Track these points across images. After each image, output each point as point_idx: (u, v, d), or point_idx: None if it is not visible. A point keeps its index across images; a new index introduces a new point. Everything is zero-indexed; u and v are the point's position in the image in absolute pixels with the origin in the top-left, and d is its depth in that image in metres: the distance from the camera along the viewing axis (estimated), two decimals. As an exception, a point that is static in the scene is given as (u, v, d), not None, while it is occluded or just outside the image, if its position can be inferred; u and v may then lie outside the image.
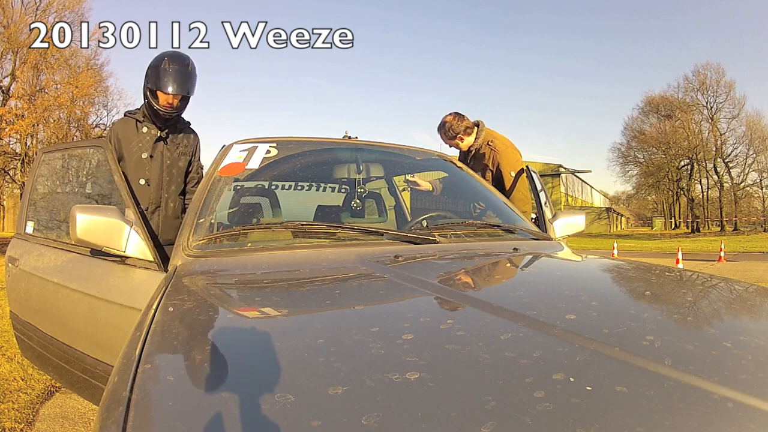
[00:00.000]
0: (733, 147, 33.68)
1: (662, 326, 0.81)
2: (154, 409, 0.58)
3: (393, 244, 1.39)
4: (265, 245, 1.37)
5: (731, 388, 0.57)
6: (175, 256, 1.31)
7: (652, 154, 35.73)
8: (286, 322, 0.88)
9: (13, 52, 21.86)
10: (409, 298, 1.00)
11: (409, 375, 0.60)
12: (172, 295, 1.01)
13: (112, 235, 1.36)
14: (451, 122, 2.91)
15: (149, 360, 0.68)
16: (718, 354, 0.68)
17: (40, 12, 22.51)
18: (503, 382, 0.59)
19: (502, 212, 1.92)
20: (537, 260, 1.44)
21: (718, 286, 1.19)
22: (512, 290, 1.09)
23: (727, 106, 33.26)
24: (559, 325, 0.75)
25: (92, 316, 1.63)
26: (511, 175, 2.78)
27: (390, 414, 0.53)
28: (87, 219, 1.31)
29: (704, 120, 33.85)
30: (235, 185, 1.79)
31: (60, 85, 23.31)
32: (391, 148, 2.18)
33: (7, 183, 24.45)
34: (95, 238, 1.34)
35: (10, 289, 2.13)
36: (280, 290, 1.11)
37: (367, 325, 0.81)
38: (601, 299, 0.98)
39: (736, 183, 33.85)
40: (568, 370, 0.61)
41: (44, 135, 24.36)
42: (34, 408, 2.53)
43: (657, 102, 35.62)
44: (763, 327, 0.89)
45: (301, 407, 0.54)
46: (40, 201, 2.24)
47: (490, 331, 0.76)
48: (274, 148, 1.77)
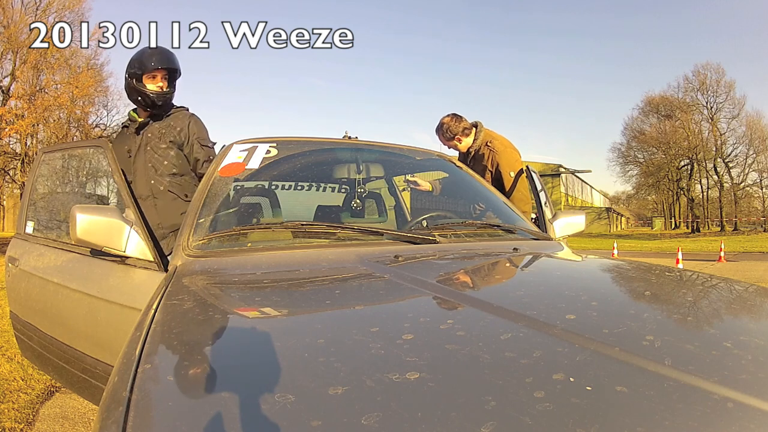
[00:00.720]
0: (733, 147, 33.71)
1: (662, 326, 0.81)
2: (154, 409, 0.58)
3: (393, 244, 1.39)
4: (265, 245, 1.37)
5: (731, 388, 0.57)
6: (175, 256, 1.31)
7: (652, 154, 35.74)
8: (286, 322, 0.88)
9: (13, 52, 21.86)
10: (409, 298, 1.00)
11: (409, 375, 0.60)
12: (172, 295, 1.01)
13: (112, 235, 1.36)
14: (449, 123, 2.91)
15: (149, 360, 0.68)
16: (718, 354, 0.68)
17: (40, 12, 22.52)
18: (503, 382, 0.59)
19: (502, 212, 1.92)
20: (537, 260, 1.44)
21: (718, 286, 1.19)
22: (512, 290, 1.09)
23: (727, 106, 33.29)
24: (559, 325, 0.75)
25: (92, 316, 1.63)
26: (510, 176, 2.77)
27: (390, 414, 0.53)
28: (87, 219, 1.31)
29: (704, 120, 33.88)
30: (235, 185, 1.79)
31: (60, 85, 23.32)
32: (391, 148, 2.18)
33: (7, 183, 24.45)
34: (95, 238, 1.34)
35: (10, 289, 2.13)
36: (280, 290, 1.11)
37: (367, 325, 0.81)
38: (601, 299, 0.98)
39: (736, 183, 33.86)
40: (568, 370, 0.61)
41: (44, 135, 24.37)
42: (34, 408, 2.53)
43: (657, 102, 35.62)
44: (763, 327, 0.89)
45: (301, 407, 0.54)
46: (40, 201, 2.25)
47: (490, 331, 0.76)
48: (274, 148, 1.77)
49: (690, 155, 33.79)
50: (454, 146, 2.98)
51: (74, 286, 1.69)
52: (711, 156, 33.35)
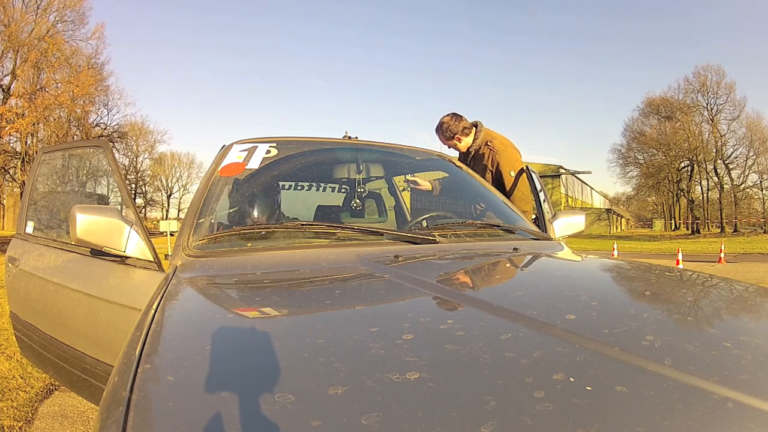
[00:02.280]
0: (734, 148, 33.73)
1: (662, 326, 0.81)
2: (154, 409, 0.57)
3: (393, 244, 1.39)
4: (265, 245, 1.37)
5: (731, 388, 0.57)
6: (175, 256, 1.31)
7: (653, 156, 35.75)
8: (286, 322, 0.88)
9: (14, 51, 21.87)
10: (409, 298, 1.00)
11: (409, 375, 0.60)
12: (172, 295, 1.01)
13: (112, 235, 1.36)
14: (449, 123, 2.90)
15: (149, 360, 0.68)
16: (718, 354, 0.68)
17: (40, 11, 22.53)
18: (503, 382, 0.59)
19: (502, 212, 1.92)
20: (537, 260, 1.44)
21: (718, 286, 1.19)
22: (512, 290, 1.09)
23: (727, 108, 33.31)
24: (559, 325, 0.75)
25: (92, 316, 1.63)
26: (510, 175, 2.77)
27: (390, 414, 0.52)
28: (87, 219, 1.31)
29: (704, 121, 33.88)
30: (235, 185, 1.79)
31: (60, 84, 23.33)
32: (391, 148, 2.18)
33: (8, 182, 24.46)
34: (95, 238, 1.34)
35: (10, 289, 2.13)
36: (280, 290, 1.10)
37: (367, 325, 0.80)
38: (601, 299, 0.98)
39: (736, 184, 33.87)
40: (568, 370, 0.61)
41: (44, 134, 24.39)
42: (33, 406, 2.53)
43: (657, 103, 35.63)
44: (763, 327, 0.89)
45: (301, 407, 0.54)
46: (41, 201, 2.24)
47: (490, 331, 0.76)
48: (274, 148, 1.77)
49: (690, 156, 33.80)
50: (453, 146, 2.98)
51: (74, 286, 1.69)
52: (711, 157, 33.35)
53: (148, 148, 45.29)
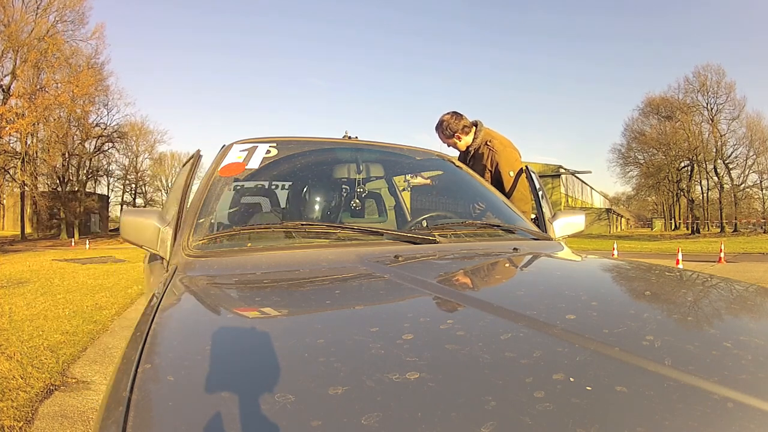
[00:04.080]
0: (734, 148, 33.76)
1: (662, 326, 0.81)
2: (154, 409, 0.57)
3: (393, 244, 1.39)
4: (265, 245, 1.36)
5: (731, 388, 0.57)
6: (175, 256, 1.31)
7: (653, 155, 35.76)
8: (285, 322, 0.88)
9: (14, 51, 21.86)
10: (409, 298, 1.00)
11: (409, 375, 0.60)
12: (171, 295, 1.01)
13: (148, 235, 1.46)
14: (449, 121, 2.90)
15: (149, 360, 0.68)
16: (718, 354, 0.68)
17: (40, 11, 22.53)
18: (503, 382, 0.59)
19: (502, 212, 1.92)
20: (537, 260, 1.44)
21: (718, 286, 1.19)
22: (512, 290, 1.09)
23: (727, 108, 33.34)
24: (559, 325, 0.75)
25: None
26: (510, 175, 2.77)
27: (390, 414, 0.52)
28: (129, 220, 1.45)
29: (704, 121, 33.90)
30: (235, 185, 1.79)
31: (60, 84, 23.33)
32: (391, 148, 2.18)
33: (7, 182, 24.43)
34: (134, 237, 1.46)
35: None
36: (279, 290, 1.10)
37: (367, 325, 0.80)
38: (601, 299, 0.98)
39: (736, 184, 33.88)
40: (568, 370, 0.61)
41: (44, 134, 24.38)
42: (33, 406, 2.53)
43: (657, 103, 35.64)
44: (763, 327, 0.89)
45: (301, 407, 0.54)
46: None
47: (490, 331, 0.76)
48: (274, 148, 1.77)
49: (690, 156, 33.82)
50: (453, 144, 2.98)
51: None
52: (711, 157, 33.36)
53: (148, 148, 45.29)
